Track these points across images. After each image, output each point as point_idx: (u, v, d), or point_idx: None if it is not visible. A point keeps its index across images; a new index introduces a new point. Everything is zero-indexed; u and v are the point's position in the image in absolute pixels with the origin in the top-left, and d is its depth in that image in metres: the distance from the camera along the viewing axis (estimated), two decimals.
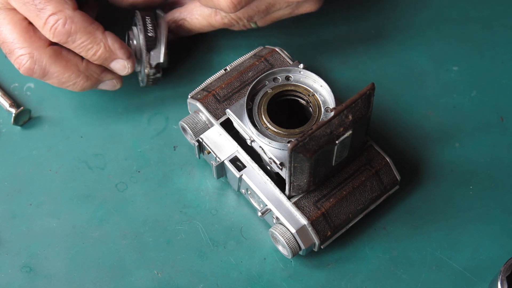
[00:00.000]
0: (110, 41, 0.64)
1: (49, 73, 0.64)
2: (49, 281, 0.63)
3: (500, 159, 0.69)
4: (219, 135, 0.65)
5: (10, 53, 0.64)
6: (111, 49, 0.64)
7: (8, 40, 0.64)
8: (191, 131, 0.65)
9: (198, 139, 0.65)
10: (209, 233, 0.66)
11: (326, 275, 0.64)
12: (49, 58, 0.64)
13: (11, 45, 0.64)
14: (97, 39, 0.63)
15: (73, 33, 0.62)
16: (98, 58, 0.64)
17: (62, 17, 0.62)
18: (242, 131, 0.63)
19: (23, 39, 0.63)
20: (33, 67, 0.63)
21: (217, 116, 0.65)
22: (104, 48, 0.64)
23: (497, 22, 0.76)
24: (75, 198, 0.67)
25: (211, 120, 0.65)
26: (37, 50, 0.63)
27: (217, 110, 0.65)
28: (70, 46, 0.63)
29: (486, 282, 0.63)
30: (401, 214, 0.66)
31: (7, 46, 0.64)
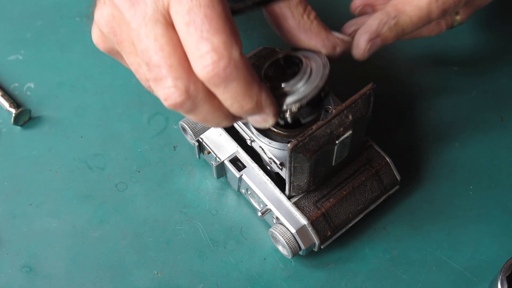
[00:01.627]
0: (263, 96, 0.53)
1: (197, 111, 0.53)
2: (49, 281, 0.63)
3: (500, 159, 0.69)
4: (219, 135, 0.65)
5: (158, 80, 0.51)
6: (262, 105, 0.53)
7: (159, 64, 0.50)
8: (191, 131, 0.65)
9: (198, 139, 0.65)
10: (209, 233, 0.66)
11: (326, 275, 0.64)
12: (205, 96, 0.51)
13: (162, 72, 0.50)
14: (252, 93, 0.52)
15: (230, 80, 0.50)
16: (242, 112, 0.53)
17: (227, 56, 0.49)
18: (242, 131, 0.63)
19: (182, 68, 0.50)
20: (185, 102, 0.51)
21: None
22: (256, 104, 0.52)
23: (497, 22, 0.76)
24: (75, 198, 0.67)
25: None
26: (194, 84, 0.51)
27: None
28: (217, 91, 0.51)
29: (486, 282, 0.63)
30: (401, 214, 0.66)
31: (156, 72, 0.51)
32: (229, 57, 0.50)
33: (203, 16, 0.49)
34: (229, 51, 0.50)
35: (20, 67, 0.73)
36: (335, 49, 0.58)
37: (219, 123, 0.54)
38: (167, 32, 0.50)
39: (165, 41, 0.50)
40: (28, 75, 0.73)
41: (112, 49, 0.56)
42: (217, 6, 0.50)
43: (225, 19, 0.50)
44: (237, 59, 0.50)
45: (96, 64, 0.73)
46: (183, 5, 0.49)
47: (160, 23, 0.50)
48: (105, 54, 0.73)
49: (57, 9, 0.76)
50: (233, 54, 0.50)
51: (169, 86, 0.51)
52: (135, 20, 0.51)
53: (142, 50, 0.51)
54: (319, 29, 0.57)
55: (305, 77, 0.56)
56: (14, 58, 0.74)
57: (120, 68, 0.73)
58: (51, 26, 0.75)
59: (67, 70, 0.73)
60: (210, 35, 0.49)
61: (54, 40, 0.75)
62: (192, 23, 0.49)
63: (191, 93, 0.51)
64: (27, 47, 0.74)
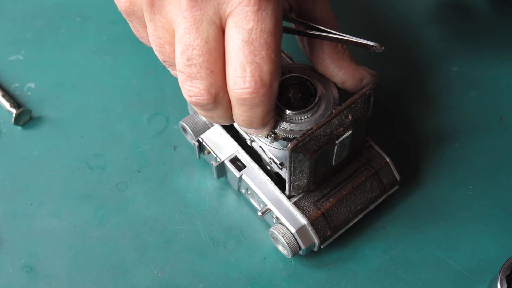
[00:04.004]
0: (272, 120, 0.56)
1: (211, 112, 0.54)
2: (49, 281, 0.64)
3: (500, 159, 0.69)
4: (219, 135, 0.65)
5: (192, 77, 0.51)
6: (266, 125, 0.55)
7: (202, 65, 0.50)
8: (191, 131, 0.65)
9: (198, 139, 0.65)
10: (209, 233, 0.66)
11: (326, 275, 0.64)
12: (227, 103, 0.53)
13: (201, 74, 0.51)
14: (267, 118, 0.54)
15: (258, 105, 0.52)
16: (248, 127, 0.55)
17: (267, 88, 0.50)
18: (242, 131, 0.63)
19: (220, 76, 0.51)
20: (208, 105, 0.52)
21: None
22: (264, 124, 0.55)
23: (497, 22, 0.76)
24: (75, 198, 0.67)
25: None
26: (224, 92, 0.52)
27: None
28: (238, 108, 0.52)
29: (486, 282, 0.63)
30: (401, 214, 0.66)
31: (194, 70, 0.51)
32: (270, 87, 0.51)
33: (264, 42, 0.49)
34: (272, 81, 0.50)
35: (21, 67, 0.73)
36: (362, 82, 0.60)
37: (220, 123, 0.56)
38: (219, 37, 0.50)
39: (215, 46, 0.50)
40: (29, 75, 0.73)
41: (135, 13, 0.54)
42: (277, 35, 0.50)
43: (279, 49, 0.51)
44: (275, 90, 0.51)
45: (96, 64, 0.73)
46: (247, 22, 0.49)
47: (215, 26, 0.50)
48: (105, 54, 0.74)
49: (58, 9, 0.76)
50: (274, 84, 0.51)
51: (201, 88, 0.51)
52: (192, 12, 0.50)
53: (187, 44, 0.50)
54: (350, 60, 0.59)
55: (310, 113, 0.58)
56: (15, 58, 0.74)
57: (120, 68, 0.73)
58: (51, 26, 0.75)
59: (67, 70, 0.73)
60: (263, 62, 0.50)
61: (55, 40, 0.75)
62: (250, 44, 0.49)
63: (217, 99, 0.52)
64: (27, 47, 0.74)
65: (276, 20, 0.50)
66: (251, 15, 0.49)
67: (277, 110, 0.58)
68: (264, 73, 0.50)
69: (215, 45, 0.50)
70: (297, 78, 0.60)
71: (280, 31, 0.51)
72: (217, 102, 0.52)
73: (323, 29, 0.57)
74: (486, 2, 0.77)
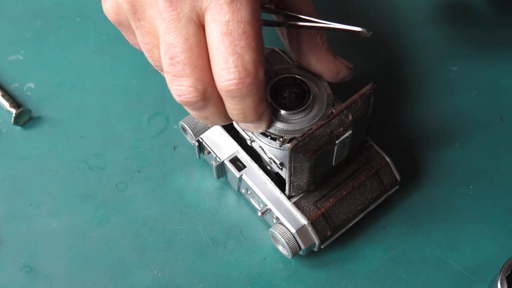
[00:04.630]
0: (267, 112, 0.56)
1: (203, 110, 0.54)
2: (49, 281, 0.64)
3: (500, 159, 0.69)
4: (219, 135, 0.65)
5: (178, 76, 0.52)
6: (262, 118, 0.56)
7: (185, 63, 0.51)
8: (191, 131, 0.65)
9: (198, 139, 0.65)
10: (209, 233, 0.66)
11: (326, 275, 0.64)
12: (217, 100, 0.53)
13: (185, 71, 0.51)
14: (260, 109, 0.54)
15: (248, 95, 0.52)
16: (243, 120, 0.55)
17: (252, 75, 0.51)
18: (242, 131, 0.63)
19: (205, 71, 0.51)
20: (198, 103, 0.52)
21: None
22: (258, 117, 0.55)
23: (497, 22, 0.76)
24: (75, 198, 0.67)
25: None
26: (212, 88, 0.52)
27: None
28: (228, 101, 0.53)
29: (486, 282, 0.63)
30: (401, 214, 0.66)
31: (178, 69, 0.51)
32: (255, 75, 0.51)
33: (242, 32, 0.50)
34: (257, 70, 0.51)
35: (21, 67, 0.73)
36: (338, 75, 0.60)
37: (216, 122, 0.56)
38: (198, 33, 0.51)
39: (196, 41, 0.51)
40: (29, 75, 0.73)
41: (123, 22, 0.56)
42: (256, 24, 0.50)
43: (259, 38, 0.51)
44: (261, 78, 0.51)
45: (96, 64, 0.73)
46: (223, 15, 0.50)
47: (193, 22, 0.51)
48: (105, 54, 0.74)
49: (58, 9, 0.76)
50: (259, 73, 0.51)
51: (188, 86, 0.52)
52: (169, 12, 0.51)
53: (168, 44, 0.51)
54: (328, 53, 0.59)
55: (305, 112, 0.59)
56: (15, 58, 0.74)
57: (120, 68, 0.73)
58: (51, 26, 0.75)
59: (67, 70, 0.73)
60: (243, 51, 0.50)
61: (54, 40, 0.75)
62: (228, 35, 0.50)
63: (206, 96, 0.52)
64: (27, 47, 0.74)
65: (252, 10, 0.50)
66: (226, 7, 0.50)
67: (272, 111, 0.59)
68: (247, 62, 0.50)
69: (195, 41, 0.51)
70: (292, 79, 0.60)
71: (258, 20, 0.51)
72: (206, 98, 0.52)
73: (304, 18, 0.57)
74: (486, 2, 0.77)
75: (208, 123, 0.57)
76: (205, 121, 0.56)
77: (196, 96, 0.52)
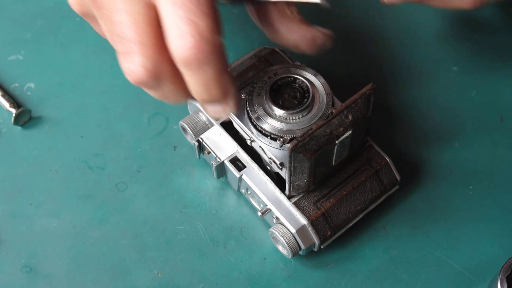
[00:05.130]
0: (231, 86, 0.54)
1: (159, 88, 0.54)
2: (49, 281, 0.64)
3: (500, 159, 0.69)
4: (219, 135, 0.65)
5: (126, 54, 0.52)
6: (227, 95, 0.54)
7: (132, 39, 0.51)
8: (191, 131, 0.65)
9: (198, 139, 0.65)
10: (209, 233, 0.66)
11: (326, 275, 0.64)
12: (170, 76, 0.52)
13: (133, 48, 0.51)
14: (222, 81, 0.52)
15: (205, 64, 0.50)
16: (206, 98, 0.54)
17: (208, 41, 0.50)
18: (242, 131, 0.63)
19: (153, 48, 0.51)
20: (149, 80, 0.52)
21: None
22: (222, 93, 0.53)
23: (497, 22, 0.76)
24: (75, 198, 0.67)
25: (211, 120, 0.65)
26: (163, 65, 0.52)
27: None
28: (189, 73, 0.52)
29: (486, 282, 0.63)
30: (401, 214, 0.66)
31: (126, 46, 0.51)
32: (211, 41, 0.49)
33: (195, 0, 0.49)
34: (212, 36, 0.49)
35: (20, 67, 0.73)
36: (315, 42, 0.59)
37: (179, 100, 0.55)
38: (147, 11, 0.51)
39: (143, 19, 0.51)
40: (29, 75, 0.73)
41: (87, 13, 0.56)
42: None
43: (213, 6, 0.50)
44: (218, 45, 0.50)
45: (96, 64, 0.73)
46: None
47: (144, 2, 0.51)
48: (105, 54, 0.74)
49: (57, 9, 0.76)
50: (215, 39, 0.50)
51: (136, 63, 0.51)
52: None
53: (117, 22, 0.51)
54: (299, 22, 0.58)
55: (304, 112, 0.59)
56: (14, 58, 0.74)
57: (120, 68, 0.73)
58: (51, 26, 0.75)
59: (67, 70, 0.73)
60: (196, 17, 0.49)
61: (54, 40, 0.75)
62: (181, 5, 0.49)
63: (156, 73, 0.51)
64: (27, 47, 0.74)
65: None
66: None
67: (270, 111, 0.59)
68: (202, 28, 0.49)
69: (144, 19, 0.51)
70: (291, 78, 0.61)
71: None
72: (157, 76, 0.52)
73: None
74: None
75: (169, 101, 0.56)
76: (168, 100, 0.55)
77: (144, 73, 0.51)
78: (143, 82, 0.52)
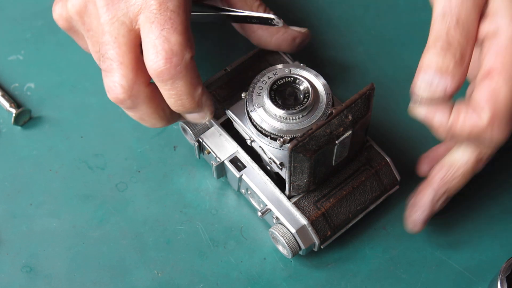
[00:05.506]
0: (204, 98, 0.59)
1: (135, 109, 0.59)
2: (49, 281, 0.64)
3: (500, 159, 0.69)
4: (219, 135, 0.65)
5: (108, 71, 0.57)
6: (201, 105, 0.59)
7: (112, 58, 0.57)
8: (191, 131, 0.65)
9: (198, 139, 0.65)
10: (209, 233, 0.66)
11: (326, 275, 0.64)
12: (145, 98, 0.58)
13: (113, 66, 0.57)
14: (195, 94, 0.58)
15: (178, 78, 0.56)
16: (182, 109, 0.59)
17: (179, 57, 0.55)
18: (242, 131, 0.63)
19: (132, 68, 0.57)
20: (125, 100, 0.58)
21: (217, 116, 0.65)
22: (197, 104, 0.59)
23: None
24: (75, 198, 0.67)
25: (211, 120, 0.65)
26: (139, 86, 0.57)
27: (217, 110, 0.65)
28: (164, 87, 0.57)
29: (486, 282, 0.63)
30: (401, 214, 0.66)
31: (108, 64, 0.57)
32: (182, 57, 0.55)
33: (168, 18, 0.55)
34: (183, 52, 0.55)
35: (20, 67, 0.73)
36: (295, 41, 0.66)
37: (154, 124, 0.61)
38: (128, 34, 0.56)
39: (124, 41, 0.56)
40: (28, 75, 0.73)
41: (73, 29, 0.61)
42: (182, 15, 0.56)
43: (186, 27, 0.56)
44: (188, 61, 0.56)
45: (96, 64, 0.73)
46: (151, 8, 0.55)
47: (125, 25, 0.56)
48: None
49: None
50: (186, 55, 0.55)
51: (115, 81, 0.57)
52: (105, 17, 0.57)
53: (102, 42, 0.57)
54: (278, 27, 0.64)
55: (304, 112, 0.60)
56: (14, 58, 0.74)
57: None
58: (51, 26, 0.75)
59: (67, 70, 0.73)
60: (169, 34, 0.55)
61: (54, 40, 0.75)
62: (156, 22, 0.55)
63: (133, 93, 0.57)
64: (27, 47, 0.74)
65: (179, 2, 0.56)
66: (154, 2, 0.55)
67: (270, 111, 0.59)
68: (173, 44, 0.55)
69: (124, 40, 0.56)
70: (292, 79, 0.61)
71: (186, 10, 0.56)
72: (133, 96, 0.57)
73: (225, 9, 0.63)
74: None
75: (147, 124, 0.61)
76: (144, 123, 0.61)
77: (122, 92, 0.57)
78: (120, 100, 0.58)
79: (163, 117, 0.60)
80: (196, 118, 0.61)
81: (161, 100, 0.59)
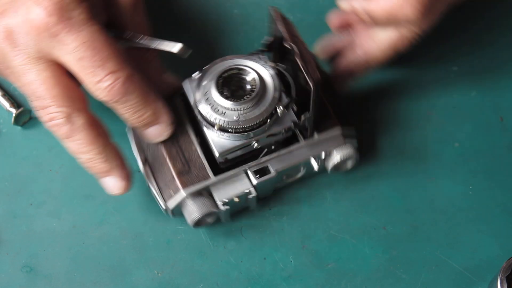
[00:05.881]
0: (159, 104, 0.60)
1: (73, 138, 0.58)
2: (49, 281, 0.64)
3: (500, 159, 0.69)
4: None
5: (42, 108, 0.57)
6: (158, 114, 0.60)
7: (43, 96, 0.57)
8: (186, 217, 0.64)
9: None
10: (209, 233, 0.66)
11: (326, 275, 0.64)
12: (83, 124, 0.58)
13: (46, 102, 0.57)
14: (150, 101, 0.59)
15: (129, 93, 0.57)
16: (141, 122, 0.60)
17: (123, 75, 0.56)
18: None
19: (65, 98, 0.57)
20: (64, 128, 0.58)
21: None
22: (153, 112, 0.60)
23: (497, 22, 0.76)
24: (75, 198, 0.67)
25: None
26: (76, 112, 0.57)
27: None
28: (119, 106, 0.58)
29: (486, 282, 0.63)
30: (401, 214, 0.66)
31: (41, 102, 0.57)
32: (125, 75, 0.56)
33: (92, 49, 0.56)
34: (124, 70, 0.56)
35: None
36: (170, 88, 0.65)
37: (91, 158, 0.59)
38: (48, 67, 0.56)
39: (47, 75, 0.56)
40: None
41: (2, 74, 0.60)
42: (100, 38, 0.56)
43: (111, 46, 0.56)
44: (131, 75, 0.57)
45: None
46: (68, 45, 0.55)
47: (42, 60, 0.56)
48: None
49: None
50: (128, 71, 0.56)
51: (52, 112, 0.57)
52: (18, 59, 0.56)
53: (25, 84, 0.57)
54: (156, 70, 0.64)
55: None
56: None
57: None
58: None
59: None
60: (103, 62, 0.56)
61: None
62: (84, 58, 0.55)
63: (72, 120, 0.57)
64: None
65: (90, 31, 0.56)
66: (66, 38, 0.55)
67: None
68: (112, 69, 0.56)
69: (47, 74, 0.56)
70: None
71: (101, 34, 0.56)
72: (71, 123, 0.57)
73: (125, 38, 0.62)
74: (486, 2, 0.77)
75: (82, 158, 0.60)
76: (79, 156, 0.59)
77: (60, 119, 0.57)
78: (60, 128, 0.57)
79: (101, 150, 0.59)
80: (156, 134, 0.62)
81: (102, 130, 0.60)
